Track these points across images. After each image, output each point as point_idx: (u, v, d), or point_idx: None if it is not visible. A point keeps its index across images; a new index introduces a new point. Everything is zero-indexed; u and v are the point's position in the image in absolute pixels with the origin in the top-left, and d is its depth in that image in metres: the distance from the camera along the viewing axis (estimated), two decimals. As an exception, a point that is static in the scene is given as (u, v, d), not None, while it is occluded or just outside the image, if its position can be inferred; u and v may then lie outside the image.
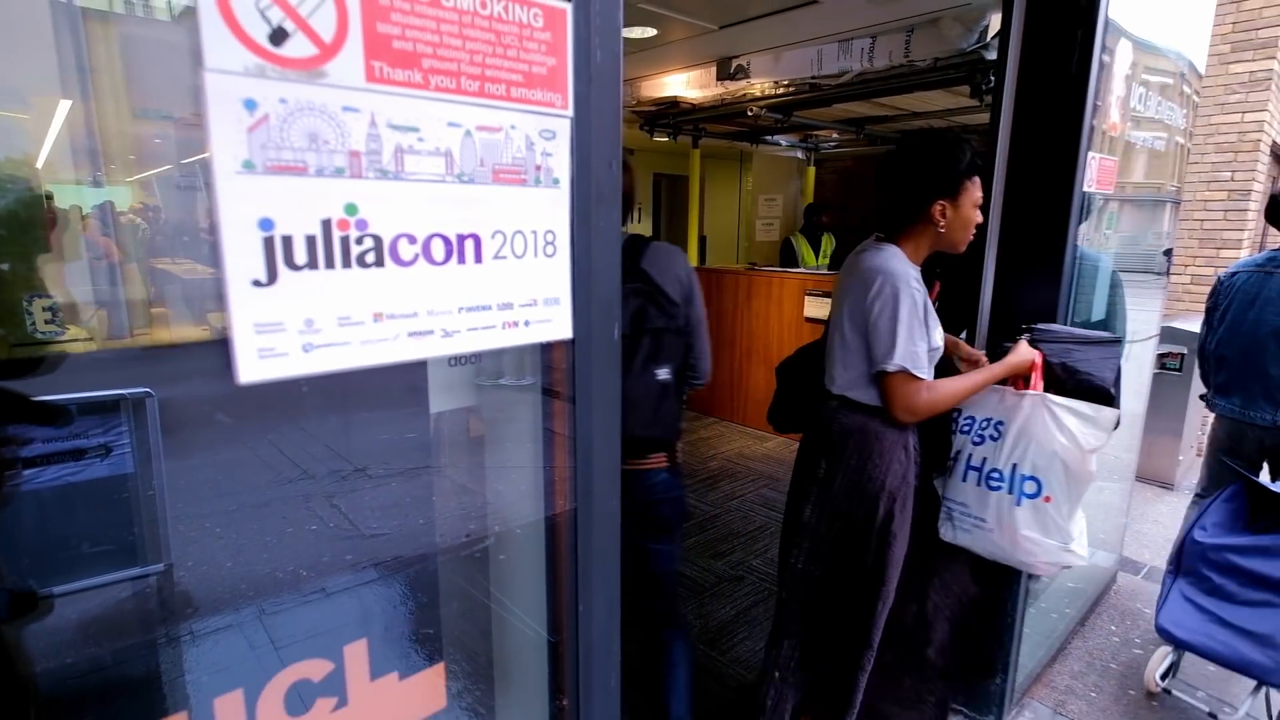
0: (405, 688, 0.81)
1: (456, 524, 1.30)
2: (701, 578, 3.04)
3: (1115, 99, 1.97)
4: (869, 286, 1.48)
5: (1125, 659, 2.55)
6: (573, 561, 0.81)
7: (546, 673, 0.94)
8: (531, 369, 0.85)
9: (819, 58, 3.80)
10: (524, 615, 1.00)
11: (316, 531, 3.08)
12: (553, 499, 0.84)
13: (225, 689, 0.69)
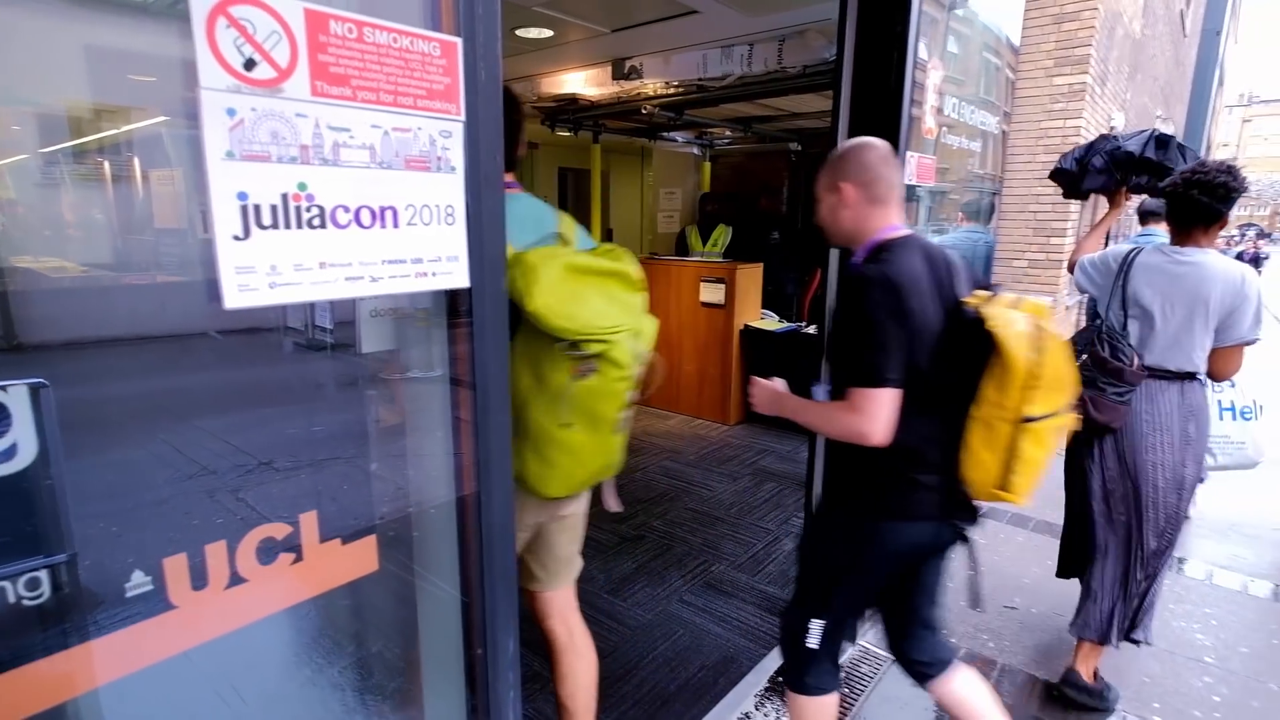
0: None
1: (367, 509, 1.44)
2: (606, 539, 3.31)
3: (930, 108, 2.38)
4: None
5: (962, 578, 3.04)
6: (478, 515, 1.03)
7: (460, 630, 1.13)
8: (440, 360, 1.07)
9: (704, 61, 4.15)
10: (439, 582, 1.18)
11: (223, 524, 3.12)
12: (460, 452, 1.05)
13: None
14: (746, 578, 2.99)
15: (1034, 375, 1.33)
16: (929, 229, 3.81)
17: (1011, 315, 1.36)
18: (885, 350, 1.38)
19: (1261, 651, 2.57)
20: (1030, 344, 1.33)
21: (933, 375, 1.43)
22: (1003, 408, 1.37)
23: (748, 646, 2.51)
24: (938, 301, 1.44)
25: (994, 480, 1.42)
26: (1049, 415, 1.37)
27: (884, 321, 1.39)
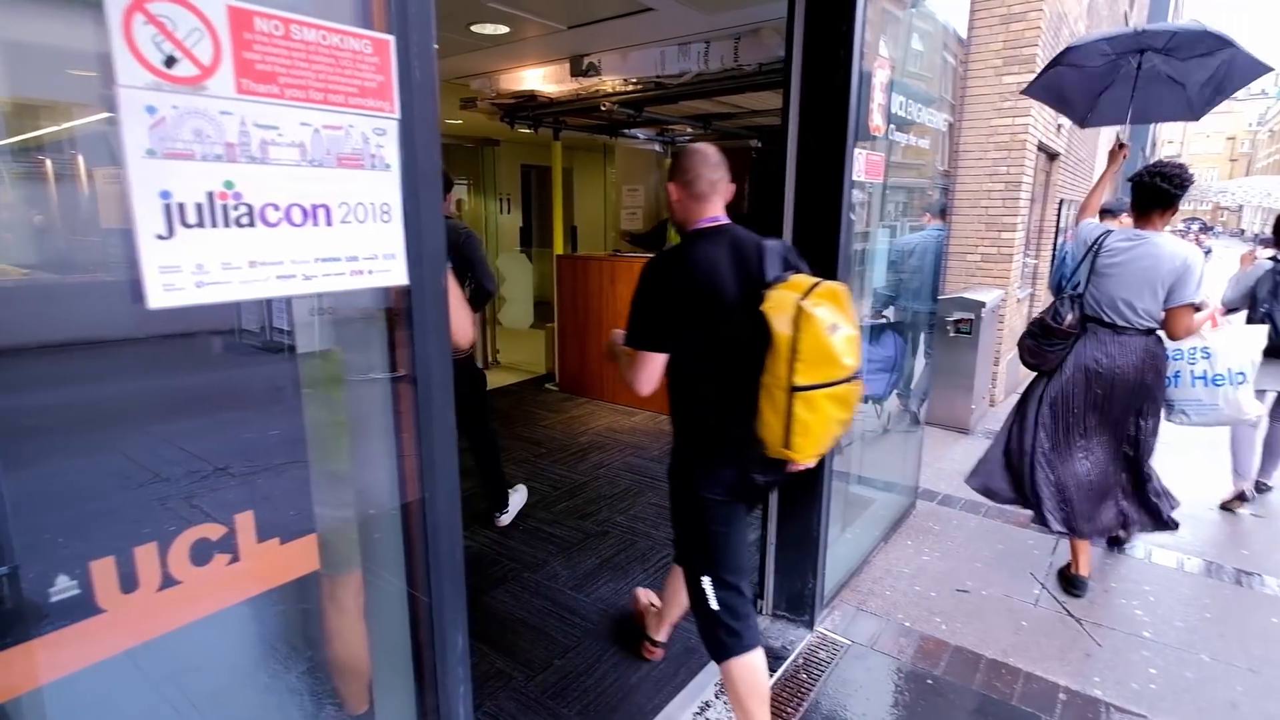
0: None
1: (355, 510, 1.41)
2: (570, 535, 3.32)
3: (877, 105, 2.43)
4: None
5: (917, 565, 3.12)
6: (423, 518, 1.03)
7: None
8: (383, 366, 1.06)
9: (662, 59, 4.17)
10: (388, 579, 1.18)
11: (176, 532, 3.05)
12: (402, 445, 1.05)
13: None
14: (708, 570, 3.03)
15: (794, 349, 1.54)
16: (905, 224, 3.90)
17: (784, 296, 1.58)
18: (650, 320, 1.69)
19: (1194, 625, 2.69)
20: (790, 322, 1.55)
21: (727, 345, 1.67)
22: (777, 377, 1.58)
23: (708, 637, 2.54)
24: (738, 282, 1.67)
25: (779, 440, 1.62)
26: (817, 386, 1.57)
27: (653, 297, 1.69)
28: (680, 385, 1.77)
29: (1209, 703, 2.26)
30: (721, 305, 1.67)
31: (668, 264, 1.73)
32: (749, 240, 1.74)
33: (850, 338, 1.60)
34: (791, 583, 2.62)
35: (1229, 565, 3.17)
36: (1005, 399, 6.09)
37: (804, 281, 1.62)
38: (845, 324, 1.60)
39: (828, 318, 1.56)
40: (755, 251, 1.71)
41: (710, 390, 1.73)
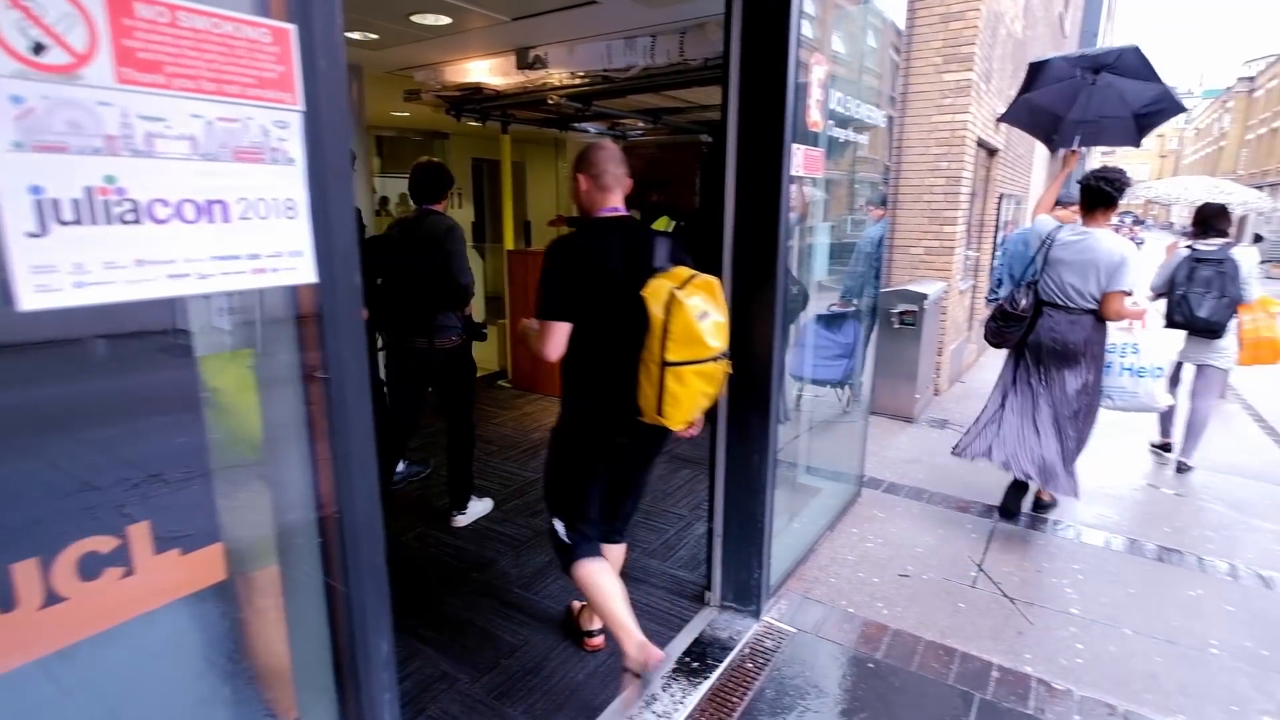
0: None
1: (269, 516, 1.34)
2: (519, 534, 3.30)
3: (815, 101, 2.47)
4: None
5: (861, 551, 3.20)
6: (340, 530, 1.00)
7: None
8: (294, 367, 1.02)
9: (608, 52, 4.15)
10: (305, 584, 1.13)
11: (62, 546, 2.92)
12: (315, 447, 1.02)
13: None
14: (658, 563, 3.05)
15: (665, 330, 1.82)
16: (850, 219, 3.97)
17: (661, 284, 1.85)
18: (554, 294, 1.94)
19: (1119, 601, 2.83)
20: (663, 307, 1.83)
21: (612, 322, 1.94)
22: (652, 353, 1.86)
23: (657, 630, 2.56)
24: (630, 266, 1.94)
25: (653, 408, 1.90)
26: (686, 363, 1.85)
27: (555, 273, 1.95)
28: (574, 355, 2.01)
29: (1130, 674, 2.38)
30: (612, 285, 1.94)
31: (571, 245, 2.00)
32: (637, 231, 2.02)
33: (718, 324, 1.90)
34: (738, 574, 2.65)
35: (1152, 543, 3.33)
36: (950, 388, 6.28)
37: (683, 273, 1.90)
38: (715, 312, 1.89)
39: (699, 305, 1.85)
40: (647, 242, 2.00)
41: (597, 361, 2.01)
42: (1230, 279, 3.85)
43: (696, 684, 2.28)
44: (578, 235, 2.04)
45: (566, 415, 2.13)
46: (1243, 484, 4.12)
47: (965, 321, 7.06)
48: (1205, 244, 4.02)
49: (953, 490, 3.93)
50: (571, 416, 2.12)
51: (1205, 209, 4.17)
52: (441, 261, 3.01)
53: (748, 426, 2.50)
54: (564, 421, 2.14)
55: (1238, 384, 6.46)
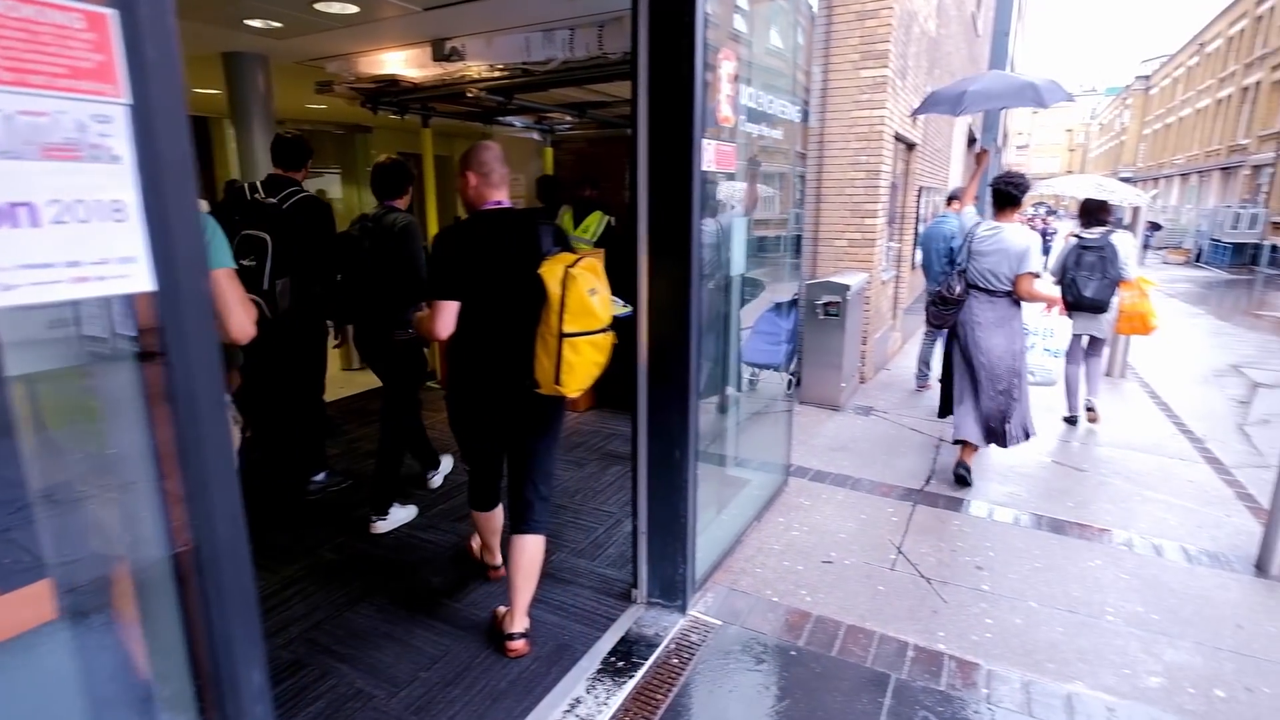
0: None
1: (114, 547, 1.20)
2: (446, 540, 3.21)
3: (725, 96, 2.48)
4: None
5: (786, 540, 3.25)
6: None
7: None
8: (134, 383, 0.94)
9: (527, 45, 4.07)
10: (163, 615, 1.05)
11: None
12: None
13: None
14: (586, 563, 3.02)
15: (562, 304, 2.07)
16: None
17: (555, 264, 2.11)
18: (443, 276, 2.16)
19: (1026, 575, 2.97)
20: (559, 283, 2.07)
21: (501, 303, 2.18)
22: (549, 326, 2.10)
23: (583, 632, 2.53)
24: (516, 252, 2.17)
25: (550, 378, 2.13)
26: (581, 333, 2.10)
27: (446, 258, 2.18)
28: (462, 333, 2.21)
29: (1034, 644, 2.50)
30: (499, 269, 2.18)
31: (459, 232, 2.24)
32: (526, 220, 2.26)
33: (604, 298, 2.16)
34: (664, 570, 2.65)
35: (1057, 517, 3.51)
36: (875, 375, 6.47)
37: (569, 256, 2.17)
38: (601, 288, 2.16)
39: (588, 283, 2.10)
40: (531, 229, 2.23)
41: (485, 338, 2.23)
42: (1110, 262, 4.47)
43: (621, 683, 2.27)
44: (466, 224, 2.27)
45: (458, 389, 2.37)
46: (1138, 457, 4.40)
47: (889, 311, 7.30)
48: (1089, 233, 4.63)
49: (876, 475, 4.05)
50: (462, 389, 2.35)
51: (1087, 203, 4.82)
52: (399, 256, 3.04)
53: (668, 423, 2.50)
54: (456, 394, 2.39)
55: (1135, 363, 6.91)
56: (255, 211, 3.14)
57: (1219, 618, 2.67)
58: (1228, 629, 2.60)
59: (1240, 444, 4.81)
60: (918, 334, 8.77)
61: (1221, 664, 2.40)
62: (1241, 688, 2.28)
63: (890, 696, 2.21)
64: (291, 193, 3.19)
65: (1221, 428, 5.17)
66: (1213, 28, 29.91)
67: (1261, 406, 5.83)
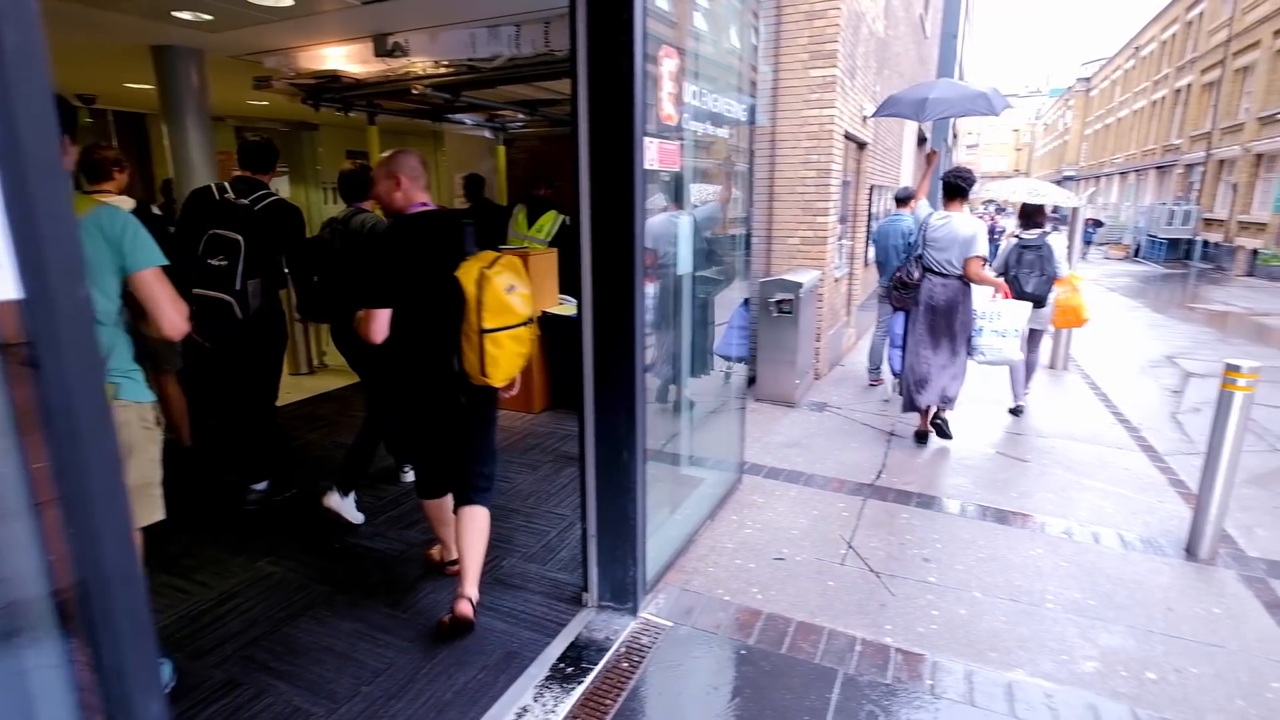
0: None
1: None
2: (392, 549, 3.13)
3: (667, 94, 2.46)
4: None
5: (739, 538, 3.26)
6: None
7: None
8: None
9: (473, 41, 4.00)
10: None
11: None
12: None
13: None
14: (537, 568, 2.97)
15: (480, 303, 2.23)
16: (701, 213, 4.00)
17: (472, 265, 2.27)
18: (376, 284, 2.23)
19: (971, 566, 3.03)
20: (475, 283, 2.23)
21: (432, 303, 2.29)
22: (470, 324, 2.26)
23: (533, 639, 2.49)
24: (443, 252, 2.30)
25: (477, 370, 2.31)
26: (500, 329, 2.27)
27: (374, 265, 2.25)
28: (397, 332, 2.29)
29: (977, 634, 2.55)
30: (429, 269, 2.28)
31: (389, 239, 2.32)
32: (452, 222, 2.38)
33: (524, 295, 2.34)
34: (614, 573, 2.63)
35: (1001, 508, 3.60)
36: (830, 371, 6.56)
37: (490, 255, 2.32)
38: (520, 285, 2.33)
39: (506, 281, 2.27)
40: (456, 230, 2.37)
41: (415, 335, 2.32)
42: (1047, 260, 4.78)
43: (570, 689, 2.24)
44: (394, 230, 2.34)
45: (399, 385, 2.45)
46: (1078, 447, 4.55)
47: (843, 307, 7.40)
48: (1028, 234, 4.92)
49: (829, 471, 4.09)
50: (403, 385, 2.44)
51: (1025, 208, 5.12)
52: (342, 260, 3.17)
53: (615, 425, 2.48)
54: (397, 391, 2.48)
55: (1077, 355, 7.15)
56: (226, 212, 3.15)
57: (1151, 601, 2.77)
58: (1159, 612, 2.70)
59: (1173, 432, 5.02)
60: (873, 329, 8.94)
61: (1153, 646, 2.49)
62: (1171, 669, 2.37)
63: (838, 691, 2.23)
64: (263, 195, 3.22)
65: (1156, 416, 5.38)
66: (1147, 32, 31.20)
67: (1193, 395, 6.09)
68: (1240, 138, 20.27)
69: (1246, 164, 19.80)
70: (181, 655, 2.36)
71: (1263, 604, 2.77)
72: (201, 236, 3.11)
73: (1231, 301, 12.83)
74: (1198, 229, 20.77)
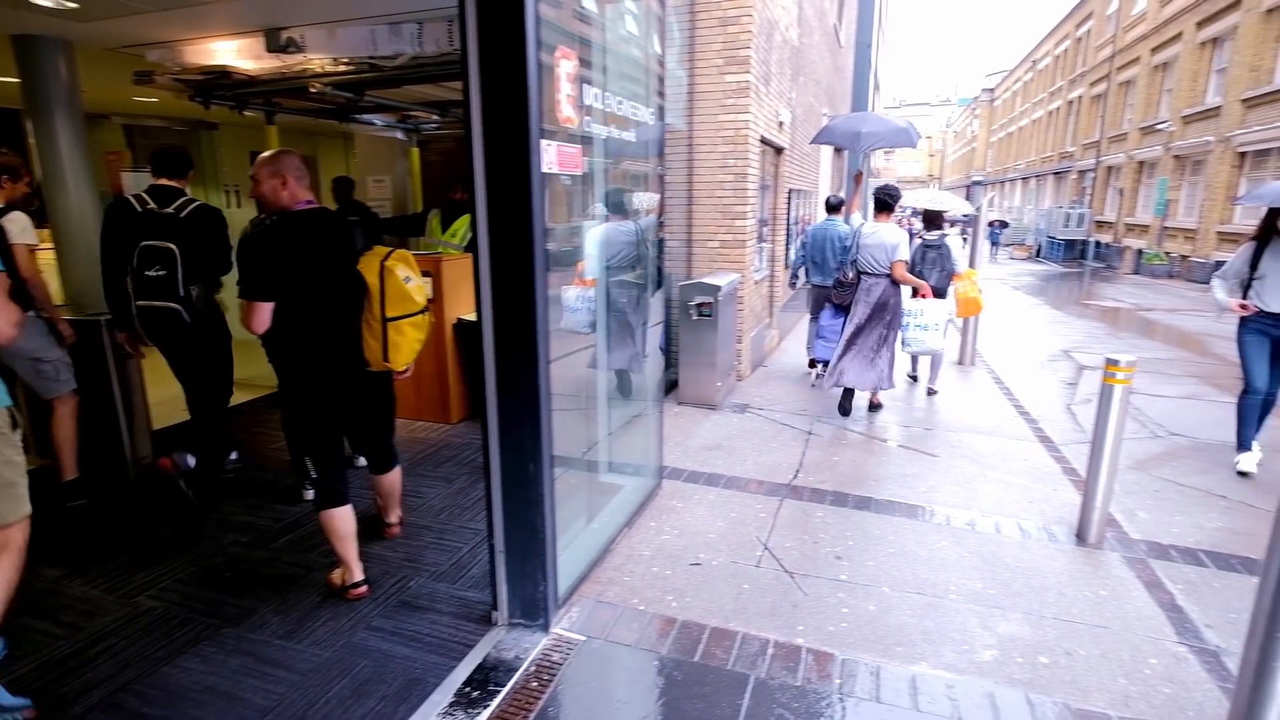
0: None
1: None
2: (291, 572, 2.94)
3: (566, 96, 2.40)
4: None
5: (657, 544, 3.23)
6: None
7: None
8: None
9: (373, 38, 3.83)
10: None
11: None
12: None
13: None
14: (447, 587, 2.85)
15: (382, 293, 2.48)
16: (644, 223, 3.98)
17: (371, 258, 2.52)
18: (261, 277, 2.33)
19: (881, 561, 3.10)
20: (376, 275, 2.48)
21: (327, 292, 2.45)
22: (373, 313, 2.51)
23: (438, 663, 2.38)
24: (333, 248, 2.47)
25: (379, 357, 2.56)
26: (401, 317, 2.53)
27: (259, 259, 2.34)
28: (287, 325, 2.41)
29: (885, 629, 2.60)
30: (318, 263, 2.43)
31: (275, 234, 2.39)
32: (339, 219, 2.55)
33: (419, 285, 2.59)
34: (524, 588, 2.54)
35: (910, 502, 3.71)
36: (752, 373, 6.65)
37: (382, 250, 2.56)
38: (415, 277, 2.58)
39: (403, 272, 2.52)
40: (344, 226, 2.54)
41: (313, 327, 2.46)
42: (946, 258, 5.60)
43: (475, 715, 2.14)
44: (280, 226, 2.41)
45: (292, 378, 2.53)
46: (982, 439, 4.76)
47: (765, 309, 7.53)
48: (929, 235, 5.78)
49: (748, 472, 4.13)
50: (297, 376, 2.52)
51: (927, 213, 6.03)
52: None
53: (520, 436, 2.40)
54: (290, 384, 2.54)
55: (984, 351, 7.51)
56: (153, 223, 3.25)
57: (1045, 587, 2.90)
58: (1052, 597, 2.83)
59: (1068, 423, 5.32)
60: (795, 329, 9.15)
61: (1046, 631, 2.60)
62: (1062, 652, 2.48)
63: (749, 698, 2.22)
64: (186, 202, 3.33)
65: (1053, 408, 5.70)
66: (1042, 47, 33.36)
67: (1086, 387, 6.49)
68: (1124, 146, 21.92)
69: (1130, 170, 21.43)
70: (40, 705, 2.13)
71: (1143, 584, 2.94)
72: (129, 249, 3.22)
73: (1120, 298, 13.82)
74: (1090, 230, 22.30)
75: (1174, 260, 17.57)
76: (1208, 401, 6.03)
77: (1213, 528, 3.51)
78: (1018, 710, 2.18)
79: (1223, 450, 4.63)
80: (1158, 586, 2.92)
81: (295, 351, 2.47)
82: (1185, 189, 18.14)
